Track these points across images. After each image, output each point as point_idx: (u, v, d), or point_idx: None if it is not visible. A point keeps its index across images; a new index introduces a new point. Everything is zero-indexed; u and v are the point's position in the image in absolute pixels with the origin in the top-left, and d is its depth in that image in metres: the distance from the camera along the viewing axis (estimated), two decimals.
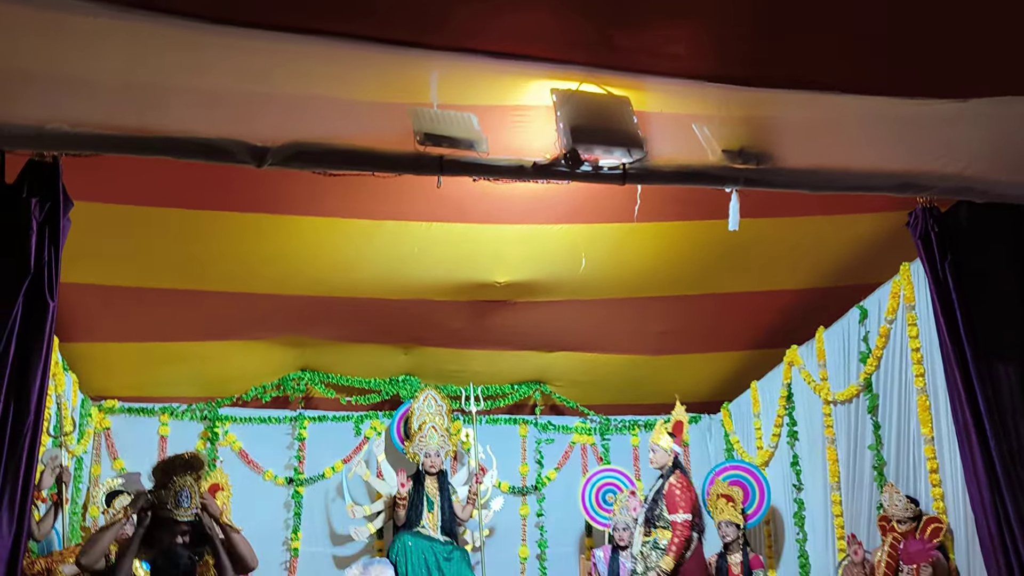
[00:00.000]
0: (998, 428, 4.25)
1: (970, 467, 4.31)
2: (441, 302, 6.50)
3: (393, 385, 8.06)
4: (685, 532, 5.99)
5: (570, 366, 7.91)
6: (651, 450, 6.39)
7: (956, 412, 4.43)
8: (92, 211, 4.57)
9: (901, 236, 5.45)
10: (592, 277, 6.06)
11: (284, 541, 7.65)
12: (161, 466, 4.17)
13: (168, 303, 6.49)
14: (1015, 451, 4.25)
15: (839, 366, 6.42)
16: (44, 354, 3.54)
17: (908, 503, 5.32)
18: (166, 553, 3.75)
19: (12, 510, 3.38)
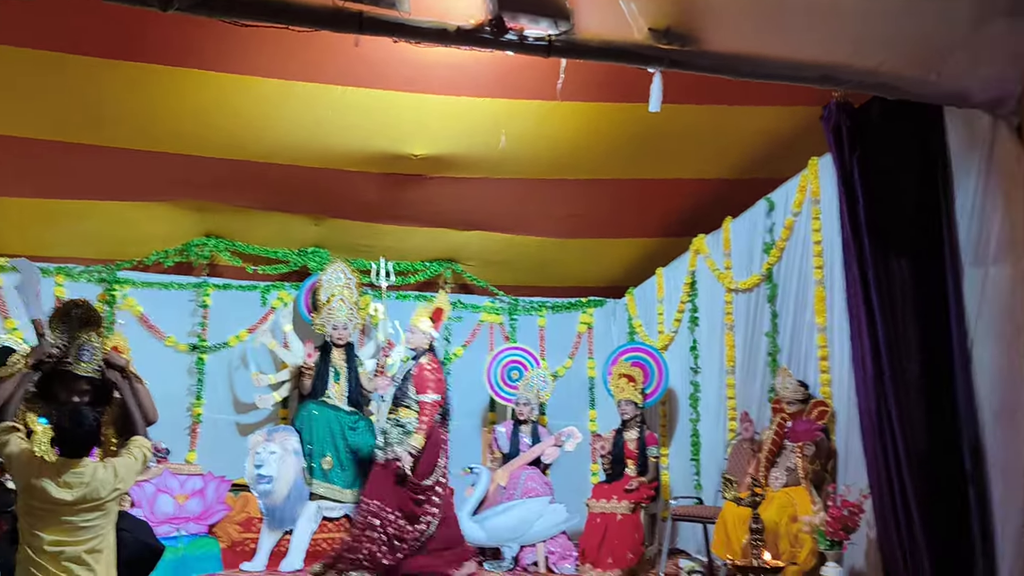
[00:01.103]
0: (887, 319, 4.48)
1: (858, 354, 4.55)
2: (355, 172, 6.36)
3: (302, 256, 7.94)
4: (432, 412, 6.05)
5: (482, 246, 7.92)
6: (410, 331, 6.38)
7: (851, 302, 4.64)
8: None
9: (812, 131, 5.56)
10: (510, 155, 6.00)
11: (186, 407, 7.60)
12: (60, 316, 4.02)
13: (66, 157, 6.17)
14: (900, 341, 4.50)
15: (743, 256, 6.62)
16: None
17: (798, 386, 5.60)
18: (72, 413, 3.64)
19: None
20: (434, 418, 6.09)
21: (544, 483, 6.86)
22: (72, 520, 3.51)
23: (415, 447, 5.93)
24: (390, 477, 5.93)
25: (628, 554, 6.24)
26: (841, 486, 5.00)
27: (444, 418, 6.27)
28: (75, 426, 3.59)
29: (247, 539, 6.43)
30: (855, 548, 4.93)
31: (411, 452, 5.90)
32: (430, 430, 6.03)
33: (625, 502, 6.39)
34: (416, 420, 5.99)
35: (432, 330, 6.35)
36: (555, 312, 8.79)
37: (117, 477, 3.60)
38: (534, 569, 6.50)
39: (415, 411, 6.02)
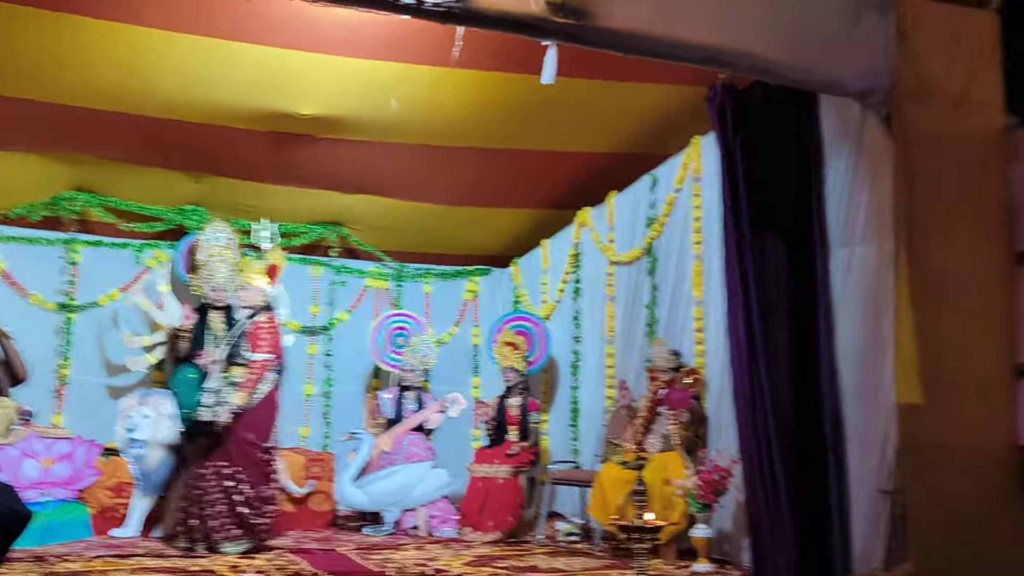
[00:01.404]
0: (761, 294, 4.70)
1: (733, 326, 4.76)
2: (239, 130, 6.16)
3: (179, 214, 7.66)
4: (261, 371, 5.93)
5: (369, 210, 7.83)
6: (243, 288, 6.22)
7: (728, 277, 4.83)
8: None
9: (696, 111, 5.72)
10: (401, 120, 5.95)
11: (52, 369, 7.25)
12: None
13: None
14: (772, 316, 4.73)
15: (626, 229, 6.80)
16: None
17: (671, 355, 5.84)
18: None
19: None
20: (262, 377, 5.91)
21: (427, 448, 6.91)
22: None
23: (236, 405, 5.74)
24: (232, 437, 5.73)
25: (508, 517, 6.39)
26: (712, 452, 5.25)
27: (278, 375, 6.10)
28: None
29: (118, 504, 6.24)
30: (723, 511, 5.22)
31: (234, 410, 5.72)
32: (257, 385, 5.87)
33: (507, 466, 6.52)
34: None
35: (268, 287, 6.20)
36: (441, 279, 8.81)
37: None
38: (415, 533, 6.57)
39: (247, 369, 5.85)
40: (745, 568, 5.01)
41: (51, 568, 4.78)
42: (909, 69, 4.53)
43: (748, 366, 4.68)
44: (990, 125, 4.69)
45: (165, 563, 5.05)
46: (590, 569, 5.13)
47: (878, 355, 4.49)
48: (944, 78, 4.63)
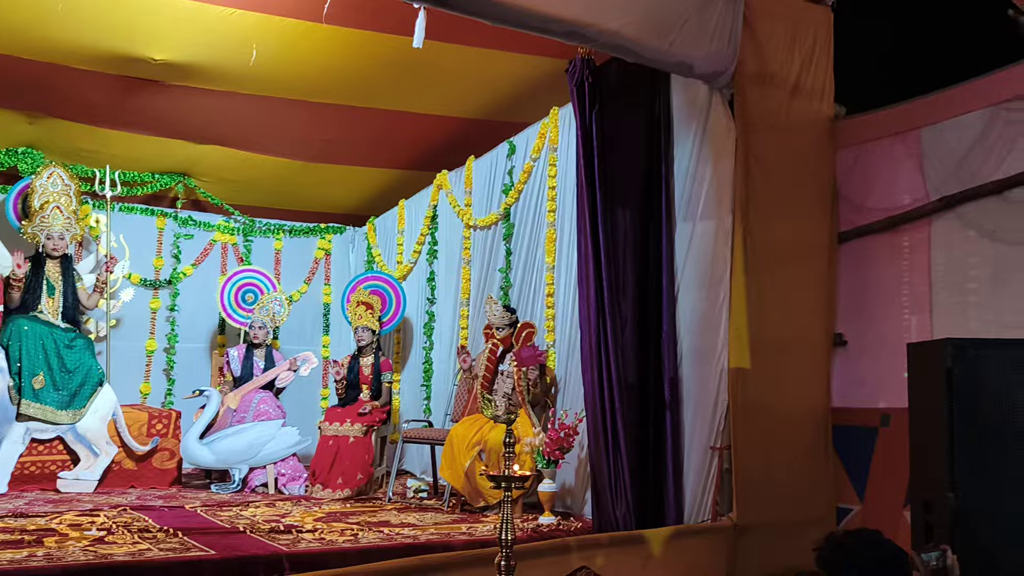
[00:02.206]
0: (611, 262, 4.97)
1: (584, 292, 5.00)
2: (83, 71, 5.83)
3: (11, 156, 7.19)
4: None
5: (220, 162, 7.60)
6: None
7: (580, 245, 5.06)
8: None
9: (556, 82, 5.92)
10: (259, 72, 5.82)
11: None
12: None
13: None
14: (619, 283, 5.01)
15: (483, 194, 6.93)
16: None
17: (504, 312, 6.04)
18: None
19: None
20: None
21: (277, 407, 6.86)
22: None
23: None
24: None
25: (358, 475, 6.45)
26: (560, 411, 5.50)
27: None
28: None
29: None
30: (567, 466, 5.49)
31: None
32: None
33: (358, 425, 6.57)
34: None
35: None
36: (292, 236, 8.69)
37: None
38: (263, 491, 6.53)
39: None
40: (587, 520, 5.31)
41: None
42: (752, 54, 4.86)
43: (596, 330, 4.94)
44: (821, 112, 5.12)
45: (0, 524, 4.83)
46: (440, 523, 5.28)
47: (714, 323, 4.84)
48: (782, 66, 5.01)
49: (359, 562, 4.07)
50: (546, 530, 5.05)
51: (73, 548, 4.22)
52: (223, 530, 4.85)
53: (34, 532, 4.57)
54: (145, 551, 4.21)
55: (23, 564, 3.86)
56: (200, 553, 4.22)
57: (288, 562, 4.25)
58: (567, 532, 5.05)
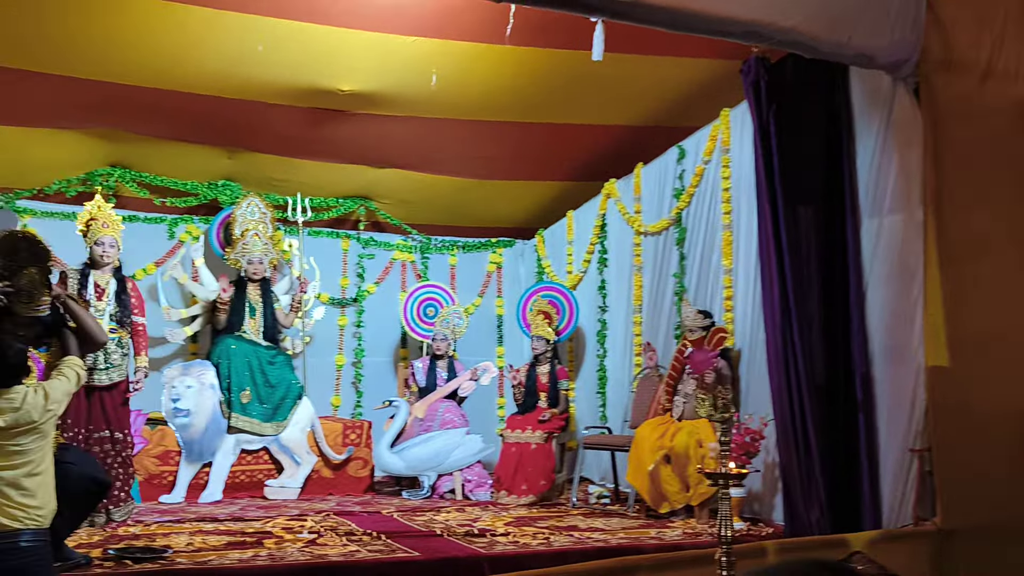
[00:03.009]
0: (794, 260, 4.88)
1: (768, 293, 4.93)
2: (277, 106, 6.29)
3: (212, 189, 7.82)
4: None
5: (398, 184, 7.98)
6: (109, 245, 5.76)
7: (762, 245, 5.01)
8: None
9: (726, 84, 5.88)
10: (436, 95, 6.08)
11: None
12: (6, 250, 3.86)
13: None
14: (804, 282, 4.91)
15: (653, 201, 6.95)
16: None
17: (698, 314, 6.01)
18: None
19: None
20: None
21: (461, 415, 7.11)
22: (5, 445, 3.50)
23: (146, 367, 5.74)
24: (117, 400, 5.53)
25: (541, 481, 6.59)
26: (744, 415, 5.43)
27: None
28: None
29: (165, 472, 6.45)
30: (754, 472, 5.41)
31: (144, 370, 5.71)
32: None
33: (539, 432, 6.72)
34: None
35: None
36: (466, 251, 8.99)
37: (49, 399, 3.59)
38: (451, 497, 6.77)
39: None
40: (777, 525, 5.21)
41: (112, 533, 4.99)
42: (937, 40, 4.66)
43: (781, 331, 4.86)
44: (1018, 94, 4.83)
45: (220, 526, 5.26)
46: (628, 528, 5.33)
47: (907, 320, 4.66)
48: (971, 49, 4.76)
49: (553, 564, 4.18)
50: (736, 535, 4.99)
51: (291, 549, 4.55)
52: (421, 534, 5.09)
53: (253, 535, 4.96)
54: (355, 552, 4.49)
55: (250, 563, 4.21)
56: (405, 555, 4.46)
57: (487, 564, 4.43)
58: (758, 537, 4.98)
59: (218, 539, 4.78)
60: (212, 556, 4.31)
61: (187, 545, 4.57)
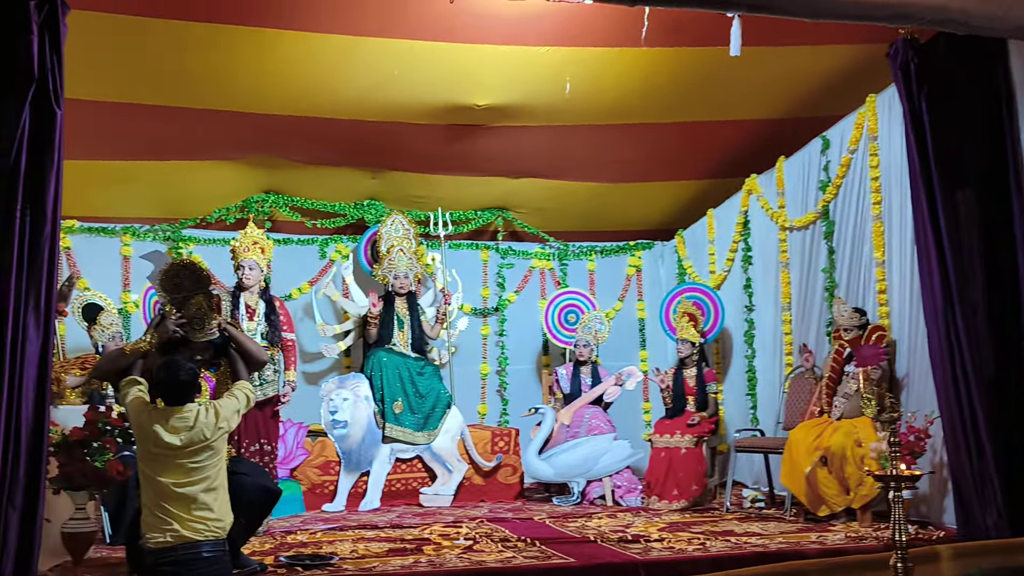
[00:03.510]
0: (955, 249, 4.63)
1: (927, 283, 4.70)
2: (416, 125, 6.49)
3: (358, 209, 8.13)
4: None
5: (533, 193, 8.07)
6: (248, 267, 6.00)
7: (918, 233, 4.78)
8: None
9: (868, 69, 5.64)
10: (570, 102, 6.11)
11: None
12: (169, 279, 4.12)
13: (130, 119, 6.33)
14: (967, 270, 4.65)
15: (797, 194, 6.73)
16: (56, 164, 3.53)
17: (853, 313, 5.77)
18: (166, 365, 3.78)
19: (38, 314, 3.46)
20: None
21: (607, 421, 7.10)
22: (184, 463, 3.73)
23: (293, 382, 6.01)
24: (267, 413, 5.84)
25: (693, 486, 6.49)
26: (907, 413, 5.18)
27: None
28: (170, 377, 3.78)
29: (326, 481, 6.73)
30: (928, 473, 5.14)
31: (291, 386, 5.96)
32: None
33: (688, 436, 6.62)
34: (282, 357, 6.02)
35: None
36: (604, 256, 8.97)
37: (220, 417, 3.81)
38: (601, 503, 6.76)
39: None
40: (948, 528, 4.94)
41: (282, 540, 5.24)
42: None
43: (944, 322, 4.62)
44: None
45: (380, 533, 5.44)
46: (786, 532, 5.18)
47: None
48: None
49: (711, 570, 4.10)
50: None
51: (449, 555, 4.66)
52: (575, 540, 5.10)
53: (412, 541, 5.10)
54: (511, 559, 4.55)
55: (412, 568, 4.34)
56: (562, 561, 4.48)
57: (644, 569, 4.40)
58: (927, 540, 4.74)
59: (380, 546, 4.94)
60: (376, 562, 4.47)
61: (351, 552, 4.75)
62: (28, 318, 3.41)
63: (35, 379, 3.44)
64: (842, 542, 4.80)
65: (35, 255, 3.44)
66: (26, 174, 3.43)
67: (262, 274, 6.07)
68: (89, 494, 4.29)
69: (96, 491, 4.31)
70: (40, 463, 3.42)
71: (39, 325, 3.45)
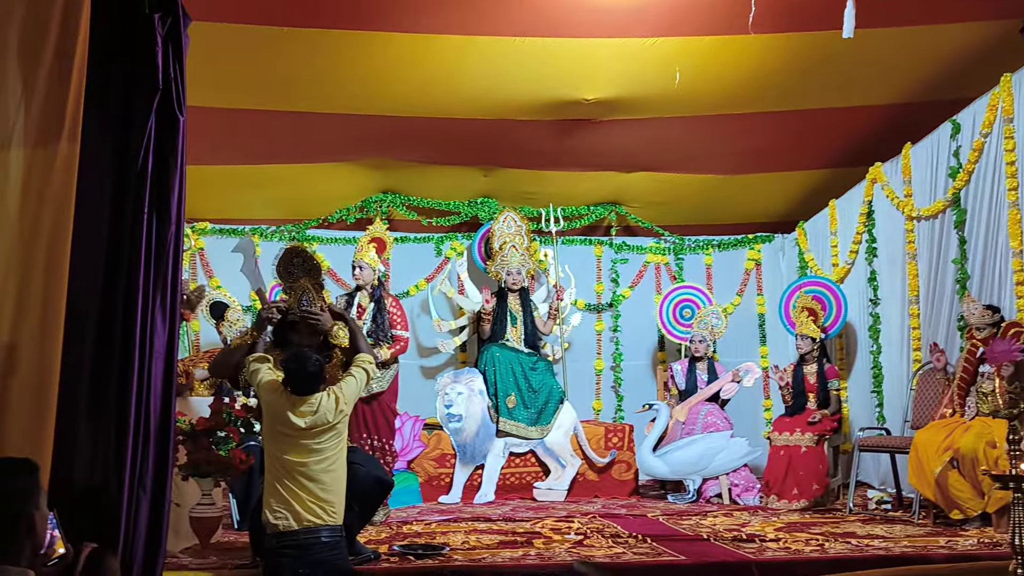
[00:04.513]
0: None
1: None
2: (526, 122, 6.53)
3: (472, 207, 8.25)
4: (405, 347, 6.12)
5: (646, 187, 7.98)
6: (359, 267, 6.13)
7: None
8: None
9: (1000, 47, 5.31)
10: (680, 93, 6.02)
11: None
12: (283, 265, 4.35)
13: (255, 125, 6.62)
14: None
15: (925, 182, 6.41)
16: (179, 168, 3.71)
17: (984, 310, 5.44)
18: (294, 356, 3.97)
19: (164, 312, 3.66)
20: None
21: (724, 418, 6.95)
22: (308, 443, 3.90)
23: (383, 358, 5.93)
24: (376, 410, 5.87)
25: (814, 485, 6.28)
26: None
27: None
28: (299, 367, 3.93)
29: (442, 474, 6.86)
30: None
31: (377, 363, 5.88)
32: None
33: (809, 434, 6.41)
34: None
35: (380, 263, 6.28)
36: (721, 250, 8.78)
37: (340, 401, 3.96)
38: (717, 501, 6.63)
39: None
40: None
41: (398, 530, 5.37)
42: None
43: None
44: None
45: (492, 526, 5.50)
46: (912, 536, 4.94)
47: None
48: None
49: (829, 571, 3.96)
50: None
51: (558, 549, 4.67)
52: (688, 537, 5.03)
53: (524, 535, 5.13)
54: (621, 554, 4.52)
55: (521, 560, 4.37)
56: (672, 558, 4.42)
57: (757, 569, 4.29)
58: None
59: (491, 538, 5.00)
60: (485, 554, 4.52)
61: (463, 543, 4.83)
62: (156, 313, 3.60)
63: (163, 371, 3.63)
64: (973, 548, 4.55)
65: (161, 254, 3.63)
66: (152, 178, 3.63)
67: (375, 274, 6.23)
68: (214, 481, 4.51)
69: (221, 478, 4.53)
70: (168, 450, 3.61)
71: (165, 320, 3.64)
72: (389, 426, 5.98)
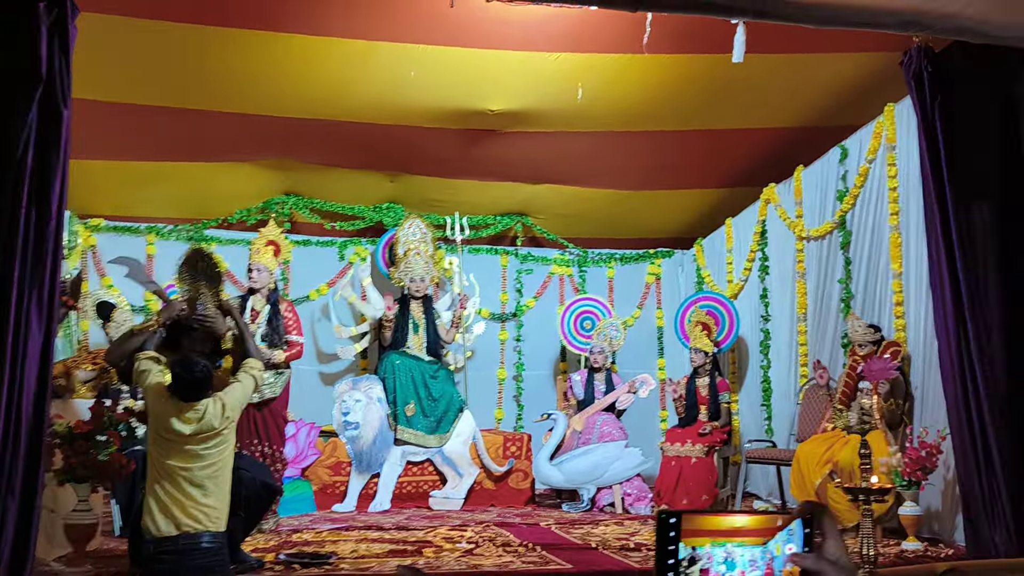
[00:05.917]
0: (968, 263, 4.53)
1: (939, 297, 4.61)
2: (432, 129, 6.51)
3: (377, 212, 8.18)
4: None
5: (553, 199, 8.06)
6: (256, 270, 6.06)
7: (931, 246, 4.69)
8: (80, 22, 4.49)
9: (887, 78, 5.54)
10: (584, 109, 6.09)
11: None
12: (187, 266, 4.29)
13: (154, 121, 6.42)
14: (980, 284, 4.55)
15: (815, 204, 6.66)
16: (62, 162, 3.60)
17: (867, 328, 5.69)
18: (181, 362, 3.90)
19: (40, 310, 3.53)
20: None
21: (619, 428, 7.06)
22: (193, 448, 3.84)
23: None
24: (267, 416, 5.80)
25: (703, 496, 6.44)
26: (919, 428, 5.10)
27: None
28: (185, 373, 3.86)
29: (337, 482, 6.77)
30: (933, 489, 5.05)
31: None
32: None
33: (699, 445, 6.57)
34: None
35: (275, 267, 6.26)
36: (623, 263, 8.94)
37: (227, 408, 3.91)
38: (610, 510, 6.73)
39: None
40: (959, 547, 4.85)
41: (286, 538, 5.28)
42: None
43: (957, 338, 4.53)
44: None
45: (384, 535, 5.45)
46: None
47: None
48: None
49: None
50: (911, 556, 4.69)
51: (448, 558, 4.66)
52: (577, 546, 5.09)
53: (415, 543, 5.12)
54: (509, 563, 4.55)
55: None
56: (558, 567, 4.47)
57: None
58: (935, 559, 4.65)
59: (381, 547, 4.96)
60: (373, 563, 4.49)
61: (351, 552, 4.78)
62: (31, 312, 3.47)
63: (36, 372, 3.50)
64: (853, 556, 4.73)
65: (39, 251, 3.50)
66: (32, 172, 3.49)
67: (271, 277, 6.12)
68: (92, 486, 4.35)
69: (99, 483, 4.38)
70: (39, 454, 3.48)
71: (41, 319, 3.51)
72: (280, 433, 5.87)
